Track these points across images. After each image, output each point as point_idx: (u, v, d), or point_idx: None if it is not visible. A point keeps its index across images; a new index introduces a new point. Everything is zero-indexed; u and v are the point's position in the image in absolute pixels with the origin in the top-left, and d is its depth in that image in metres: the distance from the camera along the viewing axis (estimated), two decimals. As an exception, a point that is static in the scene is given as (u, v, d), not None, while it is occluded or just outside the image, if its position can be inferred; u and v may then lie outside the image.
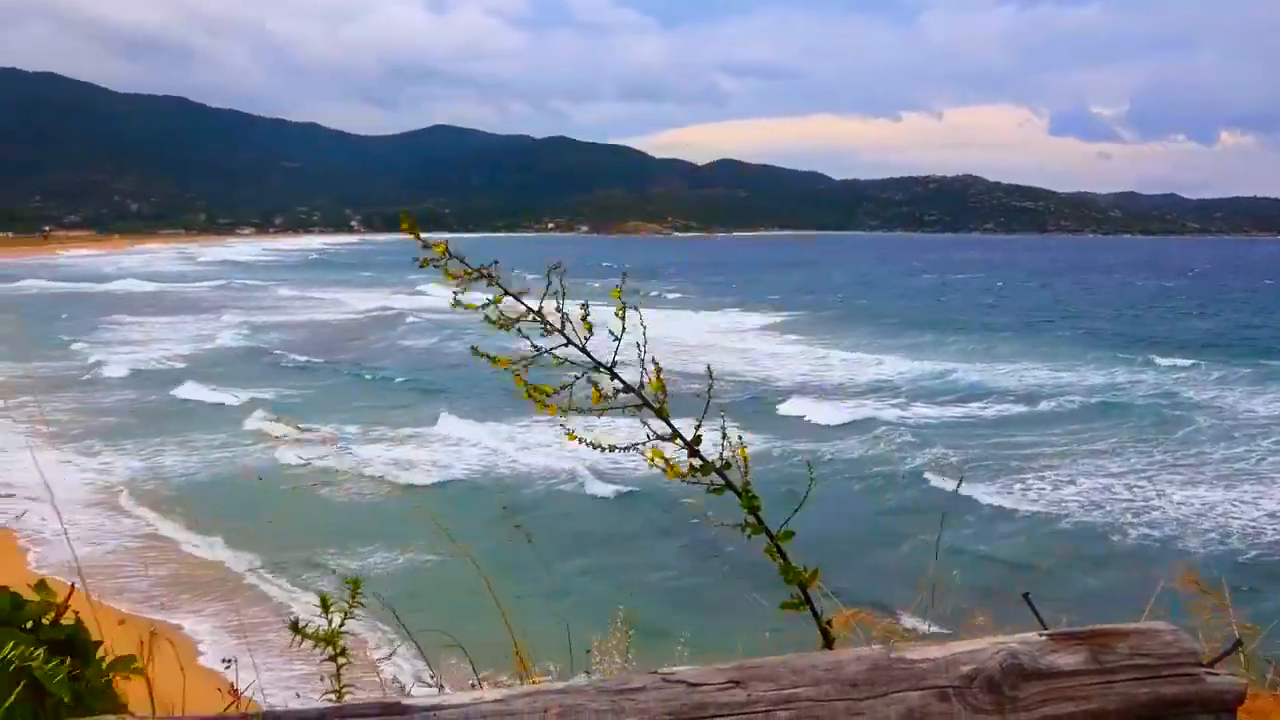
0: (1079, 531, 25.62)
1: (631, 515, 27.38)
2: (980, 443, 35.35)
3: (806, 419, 38.64)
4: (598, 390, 2.32)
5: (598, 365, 2.36)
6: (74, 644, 1.83)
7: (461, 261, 2.27)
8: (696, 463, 2.41)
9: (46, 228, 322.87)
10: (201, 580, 21.58)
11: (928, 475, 30.17)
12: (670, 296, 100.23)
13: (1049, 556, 23.24)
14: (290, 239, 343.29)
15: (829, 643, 2.44)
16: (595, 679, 1.67)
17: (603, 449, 2.38)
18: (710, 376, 2.51)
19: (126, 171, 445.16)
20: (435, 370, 51.21)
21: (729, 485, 2.41)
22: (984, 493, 28.52)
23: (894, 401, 43.32)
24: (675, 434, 2.37)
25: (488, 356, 2.32)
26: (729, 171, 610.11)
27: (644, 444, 2.34)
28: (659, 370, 2.35)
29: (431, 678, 3.54)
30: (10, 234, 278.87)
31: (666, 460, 2.35)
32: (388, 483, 29.78)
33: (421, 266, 2.29)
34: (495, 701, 1.57)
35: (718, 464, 2.40)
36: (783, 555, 2.42)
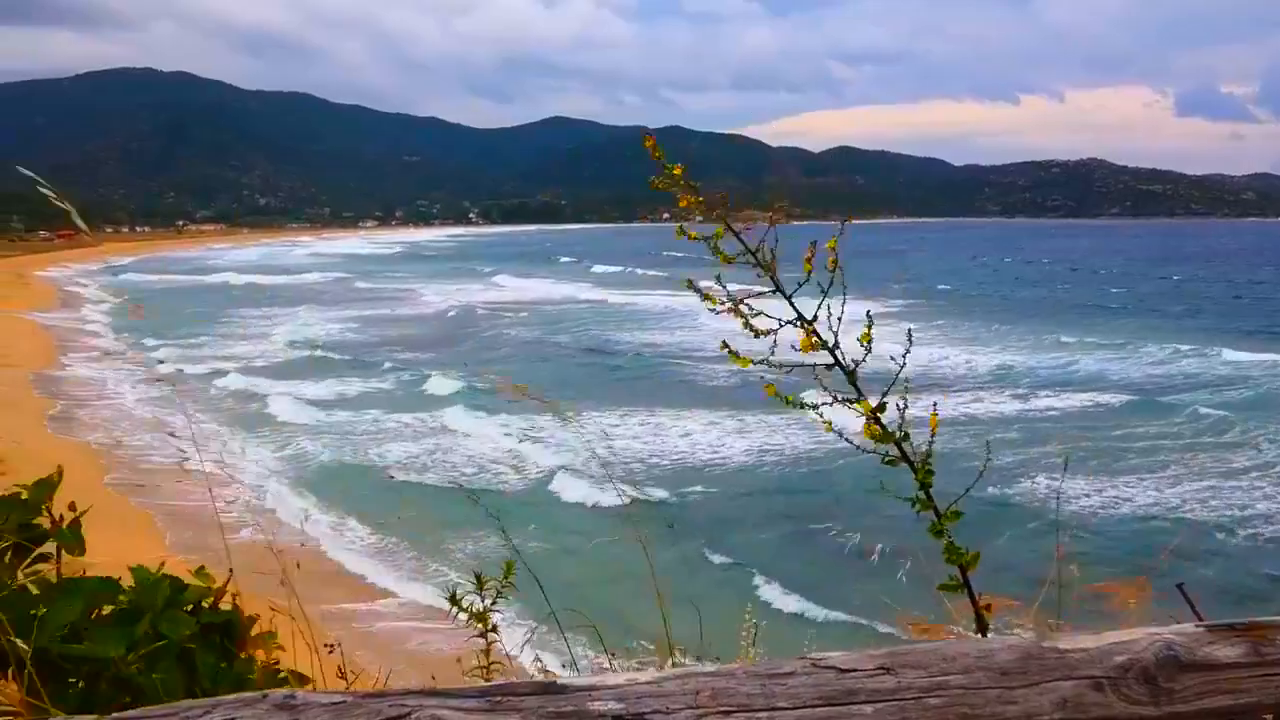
0: (1204, 526, 24.80)
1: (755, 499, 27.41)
2: (1098, 435, 34.34)
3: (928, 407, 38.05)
4: (808, 338, 2.35)
5: (799, 317, 2.38)
6: (230, 627, 1.90)
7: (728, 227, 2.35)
8: (878, 430, 2.40)
9: (180, 222, 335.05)
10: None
11: (1041, 466, 29.46)
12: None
13: (1172, 550, 22.56)
14: (415, 231, 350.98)
15: (983, 627, 2.40)
16: (745, 663, 1.67)
17: (797, 406, 2.39)
18: (910, 340, 2.52)
19: (254, 166, 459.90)
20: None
21: (904, 458, 2.40)
22: (1100, 485, 27.82)
23: (1011, 392, 42.38)
24: (860, 397, 2.37)
25: (710, 303, 2.37)
26: (845, 159, 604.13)
27: (829, 404, 2.35)
28: (870, 325, 2.37)
29: (565, 659, 3.58)
30: (148, 228, 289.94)
31: (860, 406, 2.35)
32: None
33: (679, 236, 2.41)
34: (648, 683, 1.59)
35: (897, 435, 2.39)
36: (948, 535, 2.39)
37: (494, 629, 2.94)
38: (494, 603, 2.98)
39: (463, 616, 2.83)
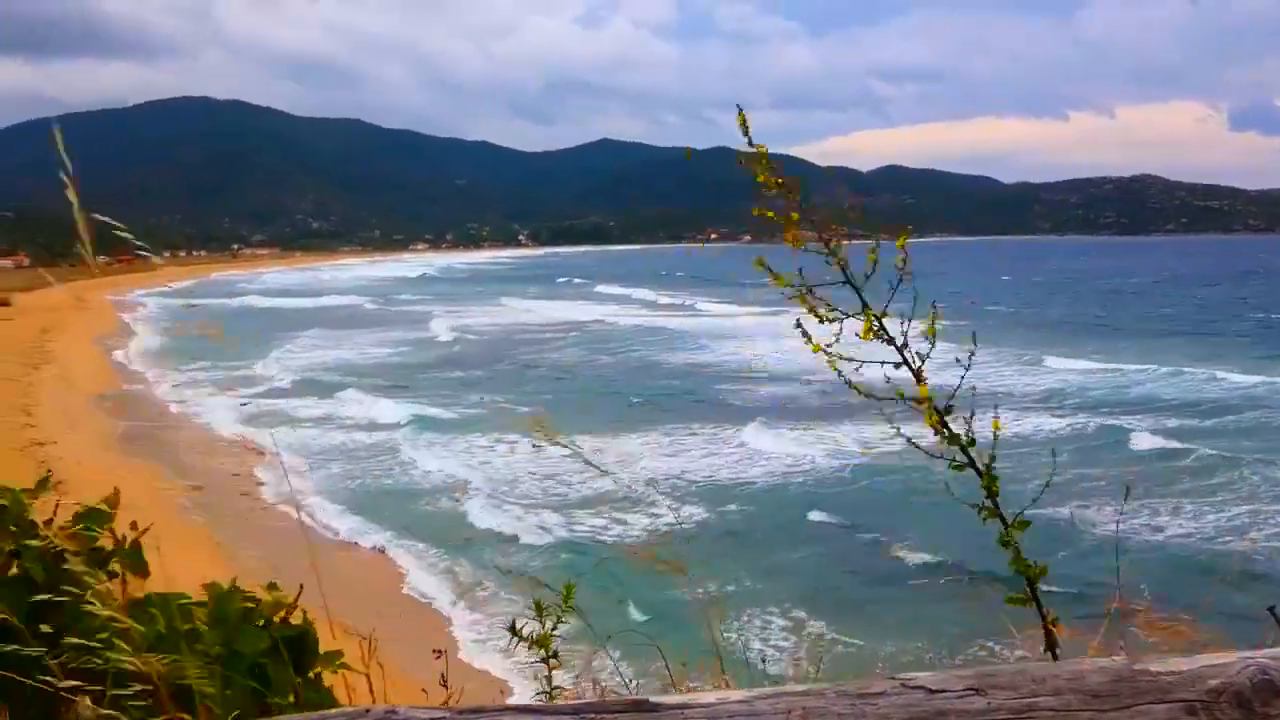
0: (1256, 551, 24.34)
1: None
2: (1152, 456, 33.73)
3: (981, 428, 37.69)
4: (869, 325, 2.33)
5: (865, 306, 2.36)
6: (300, 643, 1.89)
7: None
8: (945, 432, 2.36)
9: (235, 246, 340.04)
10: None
11: (1095, 486, 29.00)
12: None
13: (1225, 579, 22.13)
14: (465, 254, 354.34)
15: (1052, 644, 2.34)
16: (835, 682, 1.64)
17: (859, 392, 2.37)
18: (975, 342, 2.50)
19: (307, 191, 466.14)
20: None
21: (971, 464, 2.35)
22: (1158, 508, 27.40)
23: (1059, 410, 41.83)
24: (929, 399, 2.33)
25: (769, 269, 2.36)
26: (893, 178, 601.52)
27: (898, 400, 2.32)
28: (935, 318, 2.35)
29: (632, 680, 3.55)
30: (204, 252, 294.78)
31: (926, 402, 2.31)
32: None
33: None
34: (740, 702, 1.57)
35: (964, 440, 2.34)
36: (1015, 545, 2.33)
37: (555, 655, 2.93)
38: (554, 627, 2.98)
39: (523, 646, 2.82)
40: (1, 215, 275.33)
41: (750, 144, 2.39)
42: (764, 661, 13.50)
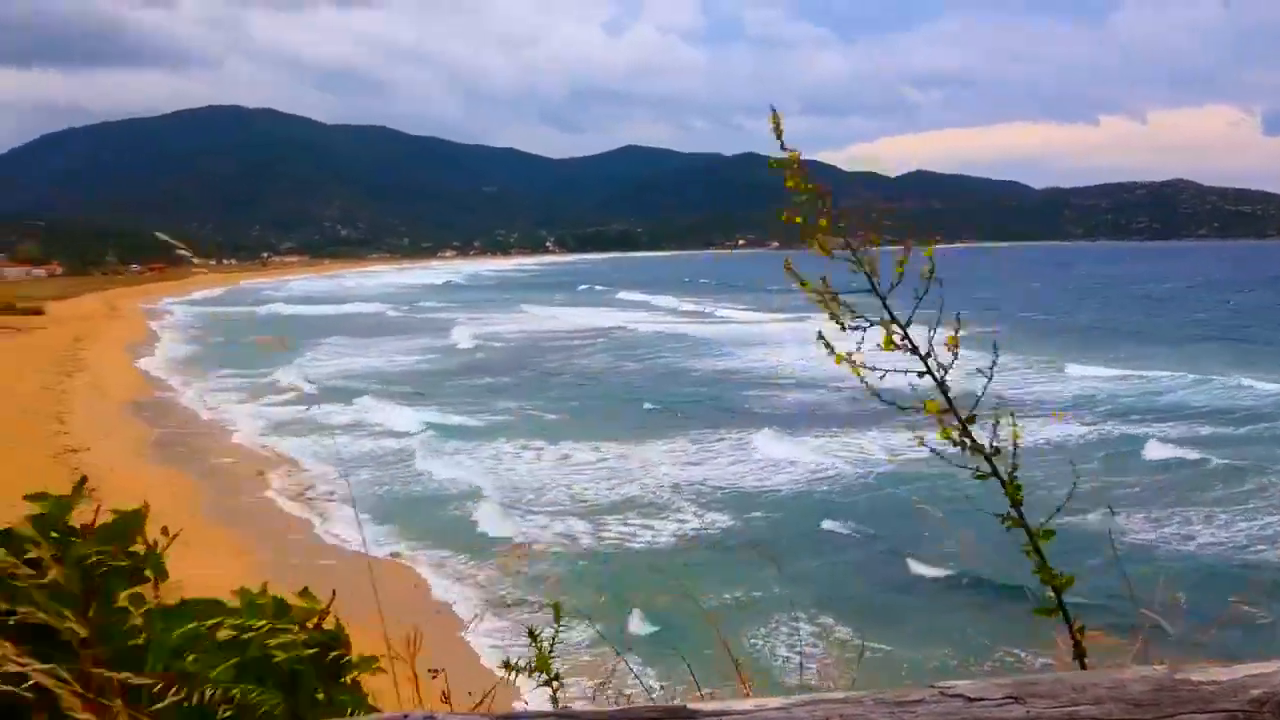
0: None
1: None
2: (1183, 463, 33.40)
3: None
4: (889, 337, 2.31)
5: (891, 318, 2.34)
6: (333, 648, 1.89)
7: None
8: (967, 442, 2.33)
9: (265, 254, 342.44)
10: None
11: (1125, 494, 28.77)
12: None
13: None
14: (492, 261, 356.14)
15: (1080, 653, 2.31)
16: (873, 690, 1.63)
17: (879, 399, 2.35)
18: (995, 351, 2.48)
19: (335, 199, 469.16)
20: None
21: (994, 473, 2.32)
22: (1189, 516, 27.14)
23: (1086, 419, 41.48)
24: (951, 408, 2.31)
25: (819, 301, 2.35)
26: (922, 183, 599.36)
27: (920, 412, 2.29)
28: (959, 327, 2.33)
29: (662, 688, 3.53)
30: (234, 261, 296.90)
31: (939, 415, 2.29)
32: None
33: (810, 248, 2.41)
34: (778, 709, 1.56)
35: (988, 450, 2.32)
36: (1040, 554, 2.30)
37: (558, 677, 2.91)
38: (551, 649, 2.95)
39: (522, 676, 2.81)
40: (34, 225, 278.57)
41: (782, 147, 2.37)
42: (800, 670, 13.46)
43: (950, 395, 2.33)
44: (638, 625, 19.32)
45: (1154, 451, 34.57)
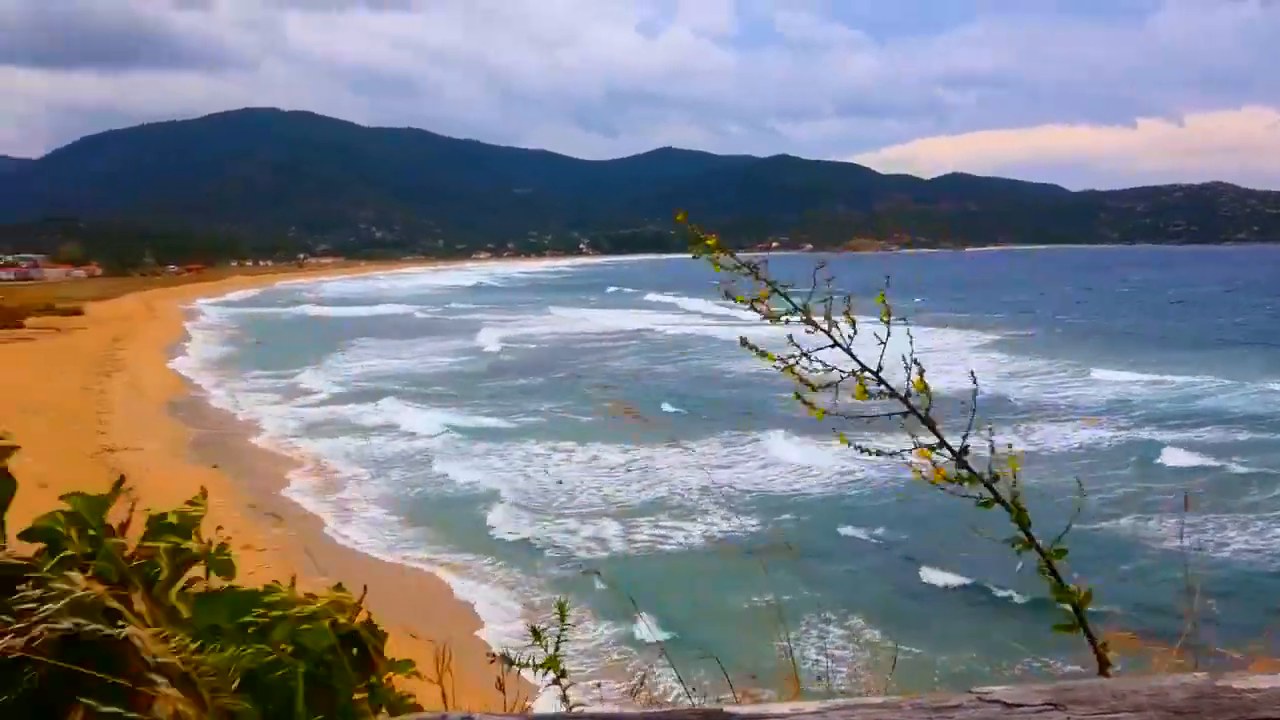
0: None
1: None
2: (1215, 470, 32.92)
3: (1042, 440, 37.12)
4: (862, 386, 2.31)
5: (863, 368, 2.33)
6: (363, 642, 1.94)
7: (733, 257, 2.33)
8: (964, 473, 2.34)
9: (301, 255, 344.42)
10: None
11: (1158, 500, 28.39)
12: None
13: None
14: (527, 262, 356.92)
15: (1104, 666, 2.31)
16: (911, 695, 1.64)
17: (869, 453, 2.36)
18: (974, 382, 2.45)
19: (371, 201, 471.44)
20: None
21: (997, 499, 2.32)
22: (1224, 523, 26.76)
23: (1121, 424, 40.97)
24: (941, 442, 2.31)
25: (755, 350, 2.34)
26: (957, 186, 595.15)
27: (910, 450, 2.29)
28: (922, 373, 2.31)
29: (693, 691, 3.56)
30: (270, 262, 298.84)
31: (934, 463, 2.30)
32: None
33: (694, 256, 2.38)
34: (814, 713, 1.57)
35: (986, 476, 2.32)
36: (1054, 574, 2.31)
37: (564, 674, 2.90)
38: (558, 648, 2.94)
39: (528, 671, 2.82)
40: (74, 226, 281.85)
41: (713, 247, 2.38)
42: (829, 675, 13.41)
43: (938, 429, 2.33)
44: (664, 627, 19.32)
45: (1179, 458, 34.08)
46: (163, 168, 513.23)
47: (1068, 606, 2.34)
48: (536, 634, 2.89)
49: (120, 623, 1.54)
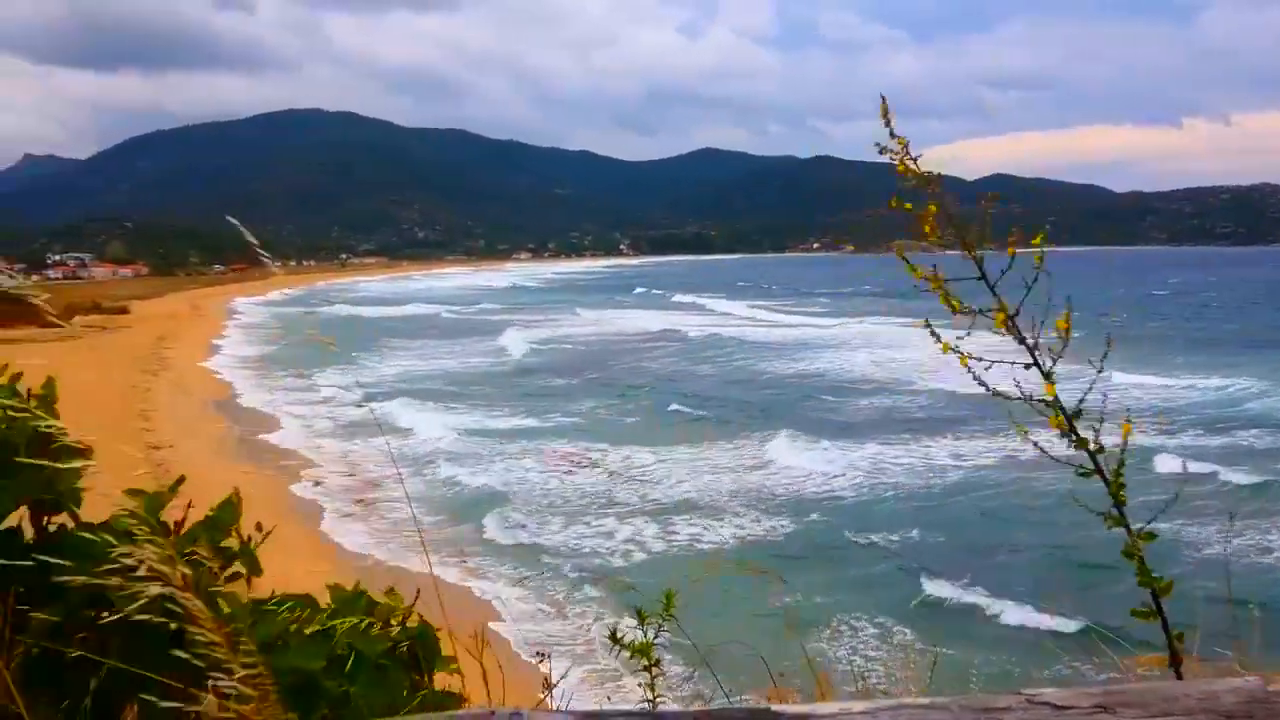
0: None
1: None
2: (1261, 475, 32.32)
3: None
4: (1001, 316, 2.30)
5: (1002, 305, 2.35)
6: (421, 644, 1.96)
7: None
8: (1073, 437, 2.33)
9: (344, 255, 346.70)
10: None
11: (1197, 505, 27.95)
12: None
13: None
14: (567, 263, 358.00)
15: (1176, 659, 2.28)
16: (957, 696, 1.63)
17: (988, 390, 2.33)
18: (1109, 346, 2.45)
19: (413, 201, 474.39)
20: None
21: (1098, 470, 2.31)
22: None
23: (1167, 428, 40.33)
24: (1056, 402, 2.31)
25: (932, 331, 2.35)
26: (1000, 187, 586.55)
27: (1019, 399, 2.28)
28: (1069, 312, 2.31)
29: (729, 691, 3.56)
30: (313, 262, 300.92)
31: (1056, 409, 2.28)
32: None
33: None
34: (862, 713, 1.56)
35: (1091, 448, 2.31)
36: (1140, 557, 2.29)
37: (657, 663, 2.95)
38: (656, 636, 3.00)
39: (625, 653, 2.85)
40: (121, 226, 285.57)
41: (892, 134, 2.38)
42: (865, 675, 13.36)
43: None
44: (701, 625, 19.27)
45: (1211, 466, 33.41)
46: (208, 168, 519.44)
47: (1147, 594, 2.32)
48: (641, 617, 2.91)
49: (185, 624, 1.56)
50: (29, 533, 1.84)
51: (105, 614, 1.70)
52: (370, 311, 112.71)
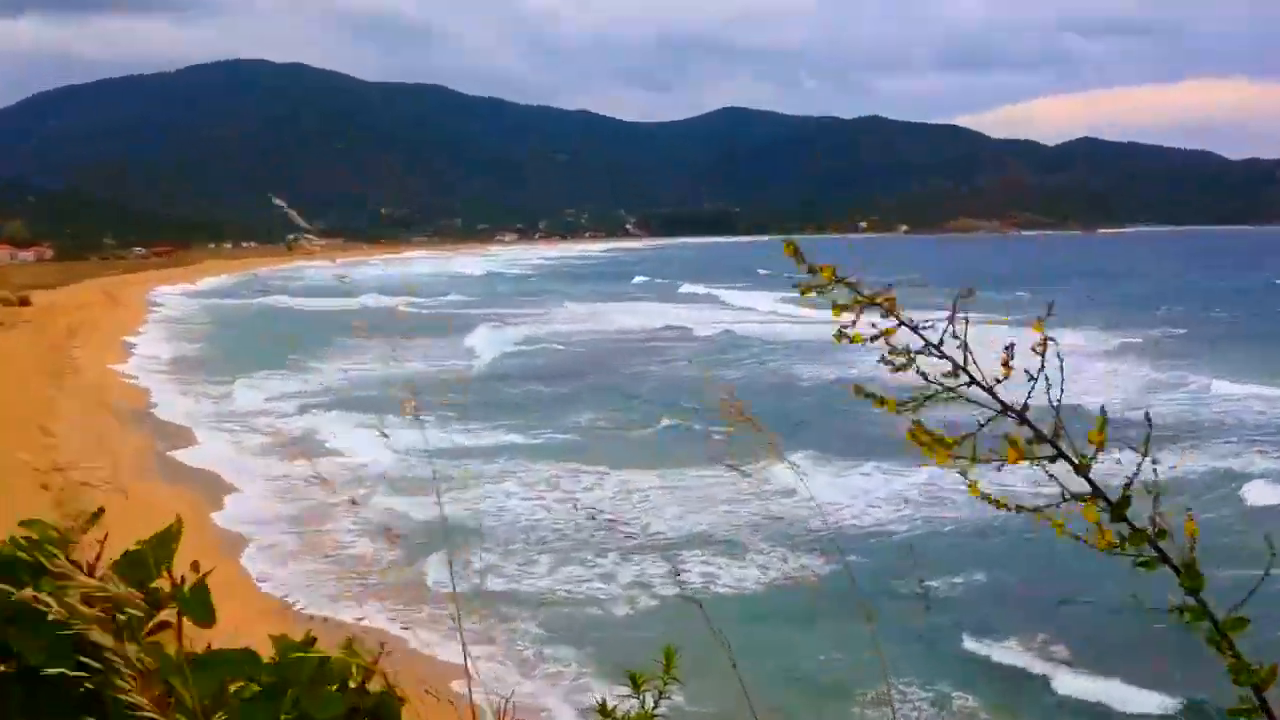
0: None
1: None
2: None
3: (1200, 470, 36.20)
4: (1016, 446, 2.22)
5: (1005, 408, 2.27)
6: (383, 710, 1.95)
7: (853, 289, 2.21)
8: (1124, 530, 2.29)
9: (291, 236, 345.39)
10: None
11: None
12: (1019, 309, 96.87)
13: None
14: (559, 246, 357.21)
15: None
16: None
17: (1008, 509, 2.30)
18: (1149, 424, 2.31)
19: (377, 170, 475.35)
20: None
21: (1164, 559, 2.27)
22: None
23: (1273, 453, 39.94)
24: (1097, 493, 2.26)
25: (872, 396, 2.25)
26: (1087, 153, 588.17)
27: (1058, 505, 2.24)
28: (1105, 420, 2.22)
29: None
30: (254, 243, 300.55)
31: (1099, 525, 2.24)
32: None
33: (803, 294, 2.24)
34: None
35: (1151, 533, 2.27)
36: (1233, 649, 2.25)
37: None
38: (656, 705, 2.87)
39: None
40: (21, 200, 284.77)
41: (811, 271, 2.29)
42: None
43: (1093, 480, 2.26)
44: (717, 689, 19.28)
45: None
46: (128, 130, 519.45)
47: (1247, 690, 2.29)
48: (635, 682, 2.83)
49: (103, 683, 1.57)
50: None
51: (2, 665, 1.71)
52: (313, 304, 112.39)
